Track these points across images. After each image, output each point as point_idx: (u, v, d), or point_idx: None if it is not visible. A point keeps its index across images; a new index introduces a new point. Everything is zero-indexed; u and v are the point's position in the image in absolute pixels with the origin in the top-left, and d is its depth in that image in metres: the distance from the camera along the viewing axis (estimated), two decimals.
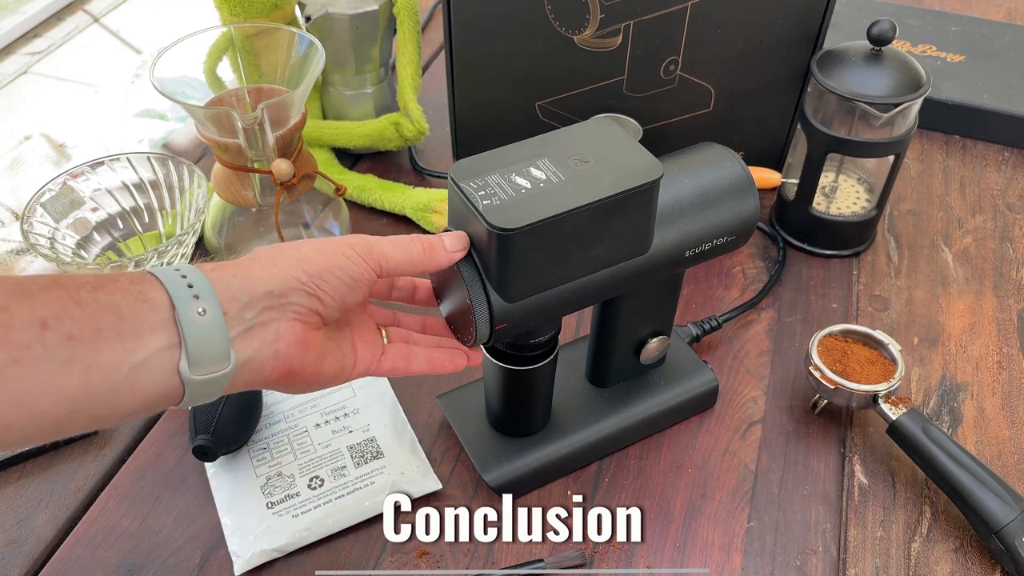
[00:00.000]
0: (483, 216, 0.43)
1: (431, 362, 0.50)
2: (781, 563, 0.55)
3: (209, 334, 0.38)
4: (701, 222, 0.52)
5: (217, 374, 0.39)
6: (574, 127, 0.49)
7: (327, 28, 0.79)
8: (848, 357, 0.62)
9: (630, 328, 0.58)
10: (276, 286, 0.41)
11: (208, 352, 0.38)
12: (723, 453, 0.62)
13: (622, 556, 0.55)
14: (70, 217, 0.64)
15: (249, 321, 0.40)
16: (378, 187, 0.81)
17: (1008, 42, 0.98)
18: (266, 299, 0.41)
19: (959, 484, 0.55)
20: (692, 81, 0.76)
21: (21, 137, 1.56)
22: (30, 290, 0.35)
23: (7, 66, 1.79)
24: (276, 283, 0.41)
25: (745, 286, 0.74)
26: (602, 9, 0.71)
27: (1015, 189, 0.85)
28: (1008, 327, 0.71)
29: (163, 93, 0.61)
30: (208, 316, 0.38)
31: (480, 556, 0.55)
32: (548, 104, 0.79)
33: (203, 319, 0.38)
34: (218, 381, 0.40)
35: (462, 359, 0.51)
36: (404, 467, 0.59)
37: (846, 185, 0.80)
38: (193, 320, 0.38)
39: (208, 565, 0.55)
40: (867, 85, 0.67)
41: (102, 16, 1.93)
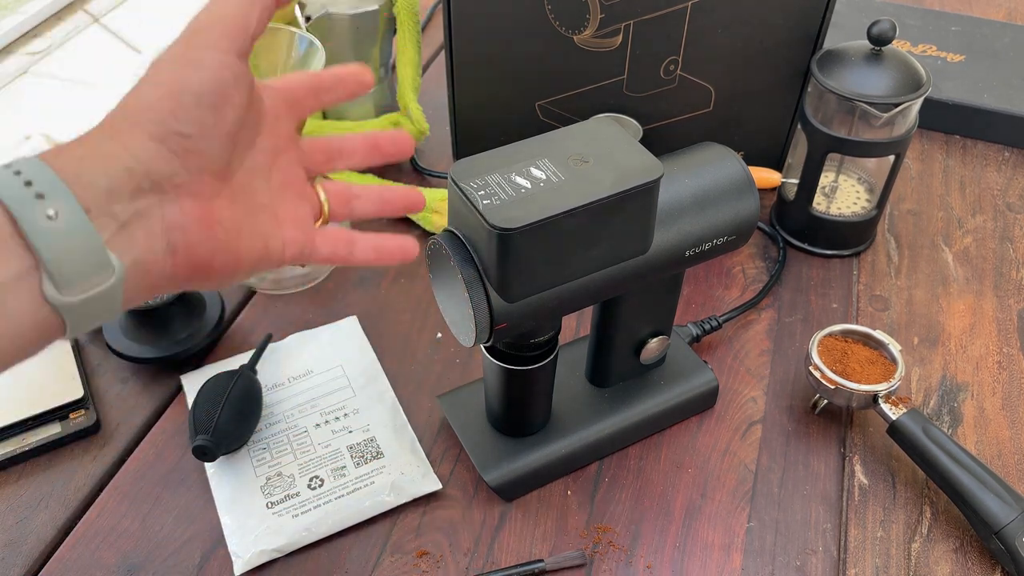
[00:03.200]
0: (483, 216, 0.43)
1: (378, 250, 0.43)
2: (781, 563, 0.55)
3: (71, 241, 0.30)
4: (701, 222, 0.52)
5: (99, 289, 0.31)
6: (574, 127, 0.49)
7: (327, 28, 0.79)
8: (848, 357, 0.62)
9: (630, 328, 0.58)
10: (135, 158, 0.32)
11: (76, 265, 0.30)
12: (723, 453, 0.62)
13: (622, 556, 0.55)
14: None
15: (121, 215, 0.32)
16: None
17: (1008, 42, 0.98)
18: (130, 180, 0.32)
19: (959, 484, 0.55)
20: (692, 81, 0.76)
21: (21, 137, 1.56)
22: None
23: (7, 66, 1.78)
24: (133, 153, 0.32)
25: (745, 286, 0.74)
26: (602, 9, 0.71)
27: (1015, 189, 0.85)
28: (1008, 327, 0.71)
29: None
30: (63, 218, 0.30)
31: (480, 556, 0.55)
32: (548, 104, 0.79)
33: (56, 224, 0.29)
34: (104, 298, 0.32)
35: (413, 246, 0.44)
36: (404, 467, 0.59)
37: (846, 185, 0.80)
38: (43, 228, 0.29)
39: (208, 565, 0.55)
40: (867, 85, 0.67)
41: (102, 16, 1.93)
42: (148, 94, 0.34)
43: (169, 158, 0.33)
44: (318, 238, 0.41)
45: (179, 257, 0.34)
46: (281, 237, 0.39)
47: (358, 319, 0.70)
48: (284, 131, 0.40)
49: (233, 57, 0.35)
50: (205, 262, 0.35)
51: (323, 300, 0.73)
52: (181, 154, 0.33)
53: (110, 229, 0.31)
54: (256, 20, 0.36)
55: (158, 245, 0.33)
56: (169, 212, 0.33)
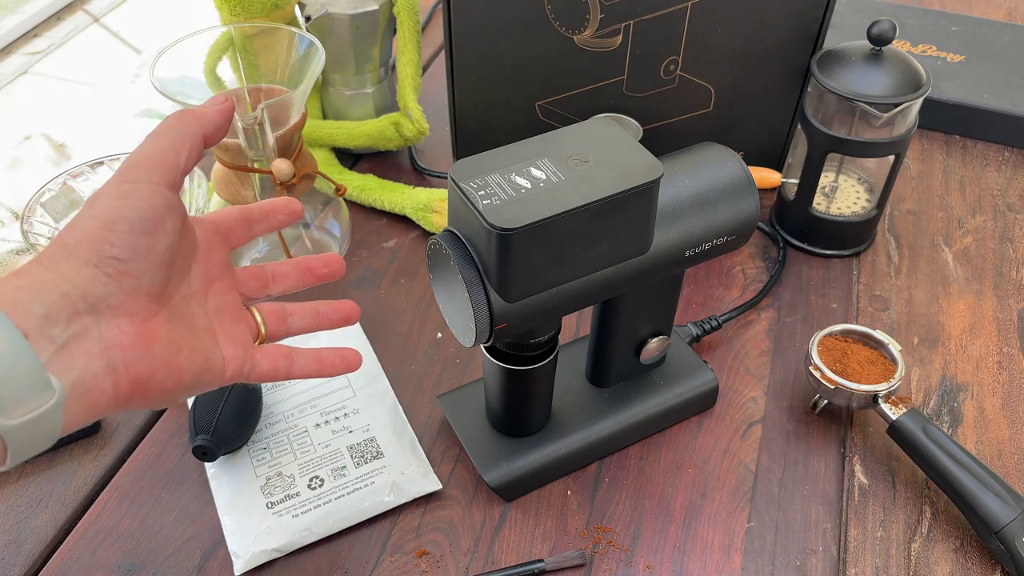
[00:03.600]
0: (483, 216, 0.43)
1: (320, 362, 0.45)
2: (781, 563, 0.55)
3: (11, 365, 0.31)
4: (701, 222, 0.52)
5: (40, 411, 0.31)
6: (574, 127, 0.49)
7: (327, 28, 0.79)
8: (848, 357, 0.62)
9: (630, 328, 0.58)
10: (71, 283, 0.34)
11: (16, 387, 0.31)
12: (723, 453, 0.62)
13: (622, 556, 0.55)
14: (70, 217, 0.64)
15: (59, 338, 0.33)
16: (378, 187, 0.81)
17: (1008, 42, 0.98)
18: (67, 304, 0.33)
19: (959, 484, 0.55)
20: (692, 81, 0.76)
21: (21, 137, 1.56)
22: None
23: (7, 66, 1.78)
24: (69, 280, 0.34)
25: (745, 286, 0.74)
26: (602, 9, 0.71)
27: (1015, 189, 0.85)
28: (1008, 327, 0.71)
29: (163, 93, 0.61)
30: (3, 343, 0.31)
31: (480, 556, 0.55)
32: (548, 104, 0.79)
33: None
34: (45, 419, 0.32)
35: (355, 357, 0.46)
36: (404, 467, 0.59)
37: (846, 185, 0.80)
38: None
39: (208, 565, 0.55)
40: (867, 85, 0.67)
41: (102, 16, 1.93)
42: (83, 225, 0.35)
43: (105, 280, 0.35)
44: (258, 354, 0.43)
45: (119, 375, 0.35)
46: (221, 354, 0.40)
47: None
48: (217, 260, 0.43)
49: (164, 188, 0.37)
50: (144, 379, 0.36)
51: (322, 299, 0.73)
52: (116, 276, 0.35)
53: (48, 351, 0.32)
54: (186, 157, 0.39)
55: (97, 364, 0.34)
56: (107, 331, 0.34)
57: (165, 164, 0.38)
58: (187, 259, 0.41)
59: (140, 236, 0.36)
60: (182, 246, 0.39)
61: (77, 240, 0.35)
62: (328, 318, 0.48)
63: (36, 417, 0.32)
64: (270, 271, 0.47)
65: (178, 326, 0.38)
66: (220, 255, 0.43)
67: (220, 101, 0.42)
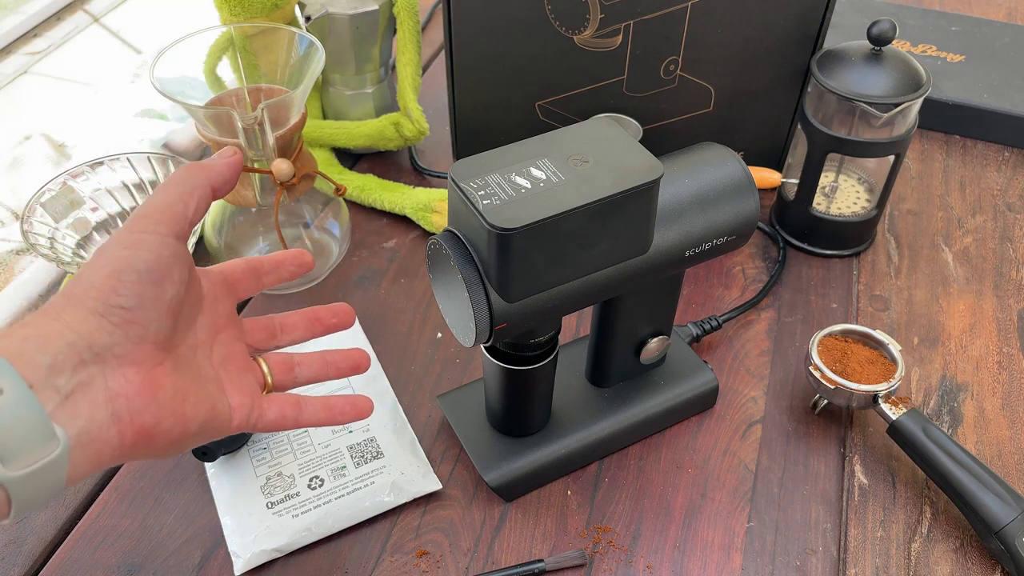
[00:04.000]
0: (483, 216, 0.43)
1: (329, 410, 0.45)
2: (781, 563, 0.55)
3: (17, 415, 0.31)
4: (701, 222, 0.52)
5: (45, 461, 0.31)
6: (574, 127, 0.49)
7: (327, 28, 0.79)
8: (848, 357, 0.62)
9: (630, 328, 0.58)
10: (77, 333, 0.34)
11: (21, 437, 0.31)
12: (723, 453, 0.62)
13: (622, 556, 0.55)
14: (70, 217, 0.64)
15: (64, 388, 0.33)
16: (378, 187, 0.81)
17: (1008, 42, 0.98)
18: (72, 354, 0.33)
19: (959, 484, 0.55)
20: (692, 81, 0.76)
21: (21, 137, 1.55)
22: None
23: (7, 66, 1.78)
24: (75, 329, 0.34)
25: (745, 286, 0.74)
26: (602, 9, 0.71)
27: (1015, 189, 0.85)
28: (1008, 327, 0.71)
29: (163, 93, 0.61)
30: (9, 394, 0.30)
31: (480, 556, 0.55)
32: (548, 104, 0.79)
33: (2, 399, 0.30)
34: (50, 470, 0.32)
35: (367, 405, 0.46)
36: (404, 467, 0.59)
37: (846, 185, 0.80)
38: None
39: (208, 565, 0.55)
40: (867, 85, 0.67)
41: (102, 16, 1.93)
42: (91, 275, 0.36)
43: (111, 330, 0.35)
44: (265, 403, 0.43)
45: (123, 425, 0.35)
46: (227, 403, 0.41)
47: (358, 319, 0.70)
48: (223, 311, 0.43)
49: (172, 239, 0.38)
50: (150, 428, 0.36)
51: (323, 300, 0.73)
52: (122, 325, 0.35)
53: (54, 401, 0.32)
54: (194, 208, 0.39)
55: (101, 414, 0.34)
56: (112, 381, 0.34)
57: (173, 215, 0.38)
58: (193, 309, 0.41)
59: (147, 285, 0.36)
60: (188, 296, 0.40)
61: (84, 290, 0.35)
62: (336, 367, 0.48)
63: (40, 468, 0.32)
64: (278, 322, 0.47)
65: (184, 375, 0.38)
66: (226, 306, 0.44)
67: (229, 155, 0.42)
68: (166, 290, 0.37)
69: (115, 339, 0.35)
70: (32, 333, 0.33)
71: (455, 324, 0.50)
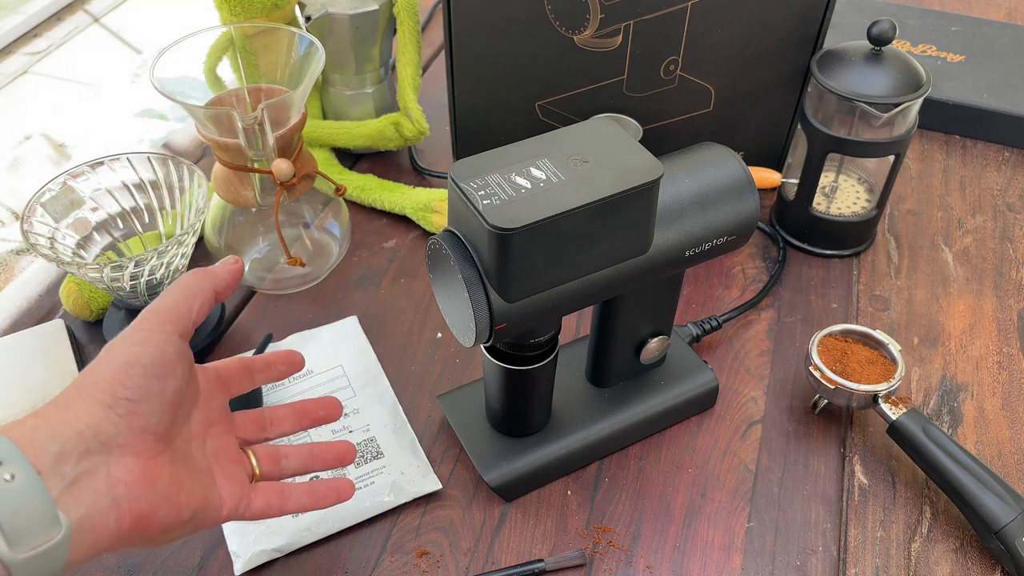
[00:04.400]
0: (483, 216, 0.43)
1: (312, 495, 0.48)
2: (781, 563, 0.55)
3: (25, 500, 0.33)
4: (701, 222, 0.52)
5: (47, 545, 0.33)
6: (574, 127, 0.49)
7: (327, 28, 0.79)
8: (848, 357, 0.62)
9: (630, 328, 0.58)
10: (85, 423, 0.36)
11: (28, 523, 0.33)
12: (723, 453, 0.62)
13: (622, 556, 0.55)
14: (70, 217, 0.64)
15: (69, 475, 0.35)
16: (378, 187, 0.81)
17: (1008, 42, 0.98)
18: (79, 443, 0.36)
19: (959, 484, 0.55)
20: (692, 81, 0.76)
21: (21, 137, 1.55)
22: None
23: (7, 66, 1.78)
24: (83, 420, 0.36)
25: (745, 286, 0.74)
26: (602, 9, 0.71)
27: (1015, 189, 0.85)
28: (1008, 327, 0.71)
29: (163, 93, 0.61)
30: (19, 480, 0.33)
31: (480, 556, 0.55)
32: (548, 104, 0.79)
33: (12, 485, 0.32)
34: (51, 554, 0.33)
35: (348, 488, 0.49)
36: (404, 467, 0.59)
37: (846, 185, 0.80)
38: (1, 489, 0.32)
39: (208, 565, 0.55)
40: (867, 85, 0.67)
41: (102, 16, 1.93)
42: (100, 370, 0.38)
43: (116, 420, 0.37)
44: (252, 493, 0.45)
45: (122, 511, 0.37)
46: (219, 493, 0.43)
47: (358, 319, 0.70)
48: (216, 405, 0.46)
49: (176, 337, 0.41)
50: (146, 515, 0.38)
51: (323, 300, 0.73)
52: (127, 416, 0.37)
53: (59, 487, 0.34)
54: (197, 310, 0.43)
55: (103, 500, 0.36)
56: (114, 469, 0.37)
57: (178, 316, 0.42)
58: (190, 404, 0.44)
59: (152, 379, 0.39)
60: (187, 391, 0.42)
61: (94, 382, 0.38)
62: (322, 459, 0.50)
63: (43, 552, 0.33)
64: (268, 415, 0.50)
65: (180, 466, 0.40)
66: (219, 401, 0.46)
67: (231, 263, 0.46)
68: (169, 384, 0.40)
69: (119, 429, 0.37)
70: (42, 423, 0.36)
71: (455, 324, 0.50)
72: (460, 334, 0.50)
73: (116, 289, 0.62)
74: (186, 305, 0.42)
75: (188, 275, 0.44)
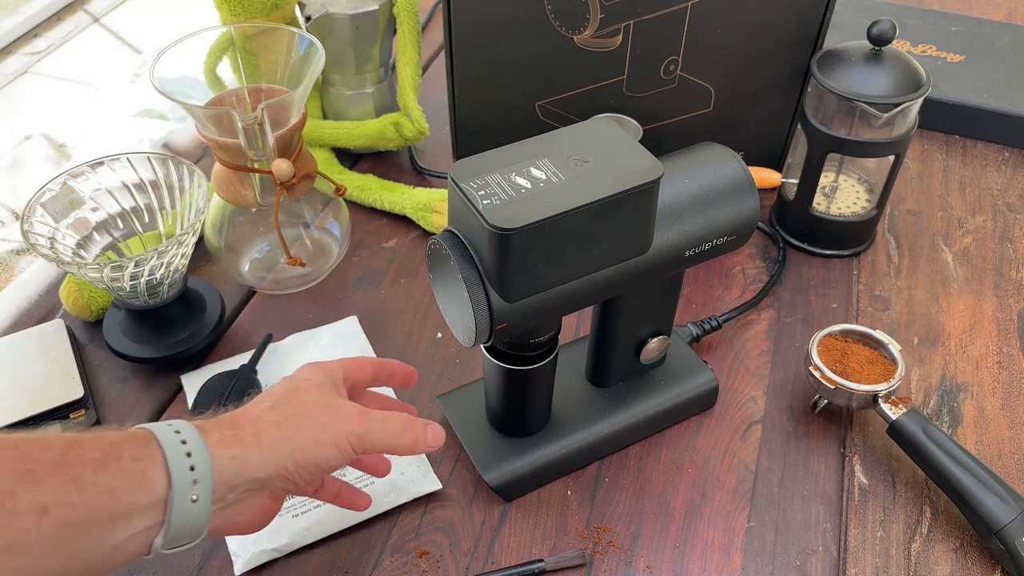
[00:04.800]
0: (483, 216, 0.43)
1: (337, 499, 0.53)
2: (781, 563, 0.55)
3: (193, 518, 0.39)
4: (701, 222, 0.52)
5: (186, 547, 0.40)
6: (574, 127, 0.49)
7: (327, 28, 0.79)
8: (848, 357, 0.62)
9: (630, 328, 0.58)
10: (265, 473, 0.42)
11: (187, 533, 0.39)
12: (723, 453, 0.62)
13: (622, 556, 0.55)
14: (70, 217, 0.64)
15: (229, 501, 0.41)
16: (378, 187, 0.81)
17: (1008, 42, 0.98)
18: (252, 484, 0.42)
19: (959, 484, 0.55)
20: (692, 81, 0.76)
21: (21, 137, 1.56)
22: (37, 472, 0.35)
23: (7, 66, 1.78)
24: (267, 470, 0.42)
25: (745, 286, 0.74)
26: (602, 9, 0.71)
27: (1015, 189, 0.85)
28: (1008, 327, 0.71)
29: (163, 93, 0.61)
30: (199, 503, 0.39)
31: (480, 556, 0.55)
32: (548, 104, 0.79)
33: (193, 506, 0.39)
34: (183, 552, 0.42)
35: (365, 501, 0.53)
36: (404, 467, 0.59)
37: (846, 185, 0.80)
38: (184, 507, 0.38)
39: (208, 565, 0.55)
40: (867, 85, 0.67)
41: (102, 16, 1.93)
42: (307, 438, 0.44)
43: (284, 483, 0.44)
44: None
45: (237, 528, 0.44)
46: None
47: (358, 319, 0.70)
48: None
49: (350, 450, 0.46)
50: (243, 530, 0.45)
51: (323, 300, 0.73)
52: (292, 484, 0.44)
53: (215, 508, 0.41)
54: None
55: (232, 520, 0.43)
56: (254, 503, 0.43)
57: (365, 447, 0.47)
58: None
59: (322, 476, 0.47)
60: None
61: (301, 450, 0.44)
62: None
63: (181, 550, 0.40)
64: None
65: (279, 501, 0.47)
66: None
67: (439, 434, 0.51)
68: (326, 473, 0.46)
69: (280, 484, 0.44)
70: (240, 455, 0.41)
71: (455, 324, 0.50)
72: (460, 334, 0.50)
73: (116, 289, 0.62)
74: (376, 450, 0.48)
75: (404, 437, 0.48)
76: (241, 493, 0.42)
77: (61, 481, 0.35)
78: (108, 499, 0.36)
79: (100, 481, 0.36)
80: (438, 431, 0.50)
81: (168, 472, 0.38)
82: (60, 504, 0.35)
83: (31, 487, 0.35)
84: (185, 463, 0.39)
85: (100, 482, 0.36)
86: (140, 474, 0.38)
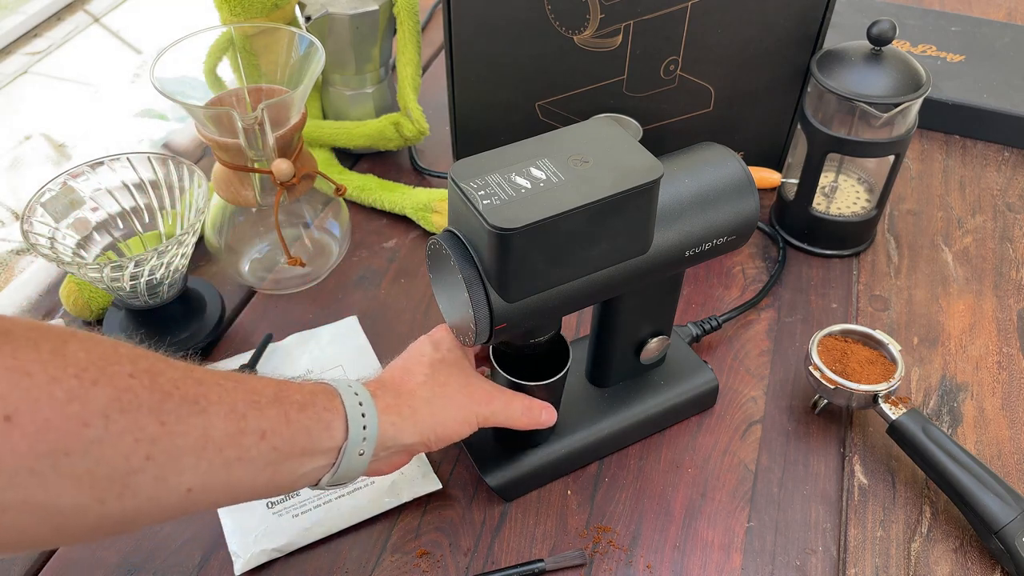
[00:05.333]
0: (483, 216, 0.43)
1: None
2: (781, 563, 0.55)
3: (356, 467, 0.47)
4: (701, 222, 0.52)
5: (340, 486, 0.48)
6: (574, 127, 0.49)
7: (327, 28, 0.79)
8: (848, 357, 0.62)
9: (630, 328, 0.58)
10: (412, 440, 0.49)
11: (347, 476, 0.47)
12: (723, 453, 0.62)
13: (622, 556, 0.55)
14: (70, 217, 0.64)
15: (380, 456, 0.48)
16: (378, 187, 0.81)
17: (1008, 42, 0.98)
18: (401, 447, 0.49)
19: (959, 484, 0.55)
20: (692, 81, 0.76)
21: (21, 137, 1.56)
22: (260, 403, 0.42)
23: (7, 66, 1.78)
24: (414, 438, 0.49)
25: (745, 286, 0.74)
26: (602, 9, 0.71)
27: (1015, 189, 0.85)
28: (1008, 327, 0.71)
29: (163, 93, 0.61)
30: (364, 456, 0.47)
31: (480, 556, 0.55)
32: (548, 104, 0.79)
33: (359, 458, 0.46)
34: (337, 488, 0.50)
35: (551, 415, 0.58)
36: (404, 467, 0.59)
37: (846, 185, 0.80)
38: (352, 458, 0.46)
39: (208, 565, 0.55)
40: (867, 85, 0.67)
41: (102, 16, 1.93)
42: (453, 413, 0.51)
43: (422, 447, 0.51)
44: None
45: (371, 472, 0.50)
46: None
47: (358, 319, 0.70)
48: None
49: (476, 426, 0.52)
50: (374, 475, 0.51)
51: (323, 300, 0.73)
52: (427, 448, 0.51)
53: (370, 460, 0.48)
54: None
55: (371, 468, 0.49)
56: (395, 460, 0.50)
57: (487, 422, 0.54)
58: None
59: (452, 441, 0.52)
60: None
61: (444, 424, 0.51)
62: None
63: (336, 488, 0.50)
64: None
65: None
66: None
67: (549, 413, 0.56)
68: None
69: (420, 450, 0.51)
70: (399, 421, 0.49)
71: (455, 324, 0.50)
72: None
73: (116, 289, 0.62)
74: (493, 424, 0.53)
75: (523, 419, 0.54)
76: (391, 453, 0.49)
77: (276, 414, 0.42)
78: (304, 436, 0.44)
79: (301, 420, 0.44)
80: (552, 413, 0.55)
81: (347, 427, 0.46)
82: (275, 432, 0.42)
83: (256, 414, 0.42)
84: (360, 422, 0.46)
85: (301, 421, 0.43)
86: (327, 423, 0.45)
